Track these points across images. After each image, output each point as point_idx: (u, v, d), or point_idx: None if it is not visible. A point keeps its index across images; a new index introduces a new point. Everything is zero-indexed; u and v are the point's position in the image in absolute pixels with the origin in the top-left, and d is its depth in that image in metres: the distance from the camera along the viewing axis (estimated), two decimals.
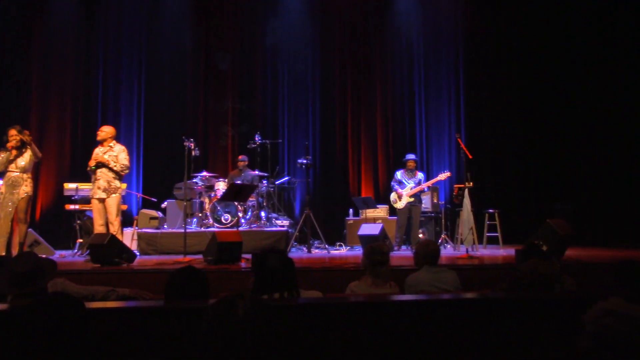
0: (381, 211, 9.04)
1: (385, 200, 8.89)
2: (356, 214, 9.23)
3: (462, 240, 7.19)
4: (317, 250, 8.02)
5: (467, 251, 6.78)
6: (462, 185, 7.30)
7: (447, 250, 7.97)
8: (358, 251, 8.07)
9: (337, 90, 10.45)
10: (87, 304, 2.67)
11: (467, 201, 6.85)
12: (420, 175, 8.29)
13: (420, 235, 8.33)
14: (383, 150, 10.31)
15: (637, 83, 9.13)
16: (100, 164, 6.58)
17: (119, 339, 2.55)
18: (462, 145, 7.28)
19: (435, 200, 8.89)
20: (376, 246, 3.74)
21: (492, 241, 8.38)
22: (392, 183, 8.36)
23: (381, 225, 7.84)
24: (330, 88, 10.49)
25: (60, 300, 1.66)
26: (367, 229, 7.73)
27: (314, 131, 10.42)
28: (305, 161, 8.11)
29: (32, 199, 6.64)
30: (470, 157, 7.15)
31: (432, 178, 8.49)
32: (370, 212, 8.93)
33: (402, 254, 7.42)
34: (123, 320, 2.64)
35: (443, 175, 8.14)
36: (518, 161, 9.75)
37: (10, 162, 6.35)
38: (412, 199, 8.11)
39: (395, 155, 9.90)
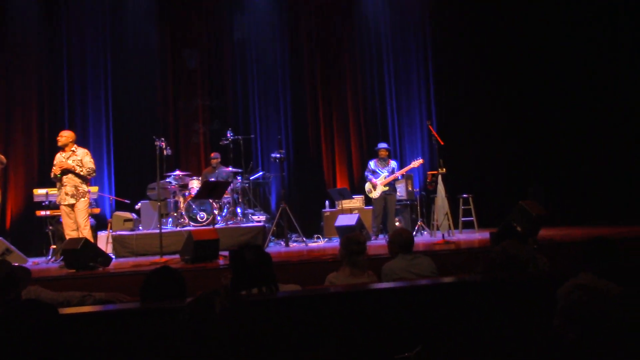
0: (357, 201, 9.08)
1: (361, 191, 8.93)
2: (332, 205, 9.25)
3: (438, 226, 7.27)
4: (294, 244, 8.02)
5: (443, 237, 6.86)
6: (436, 172, 7.38)
7: (424, 237, 8.04)
8: (335, 242, 8.09)
9: (308, 83, 10.43)
10: (63, 309, 2.64)
11: (440, 187, 6.92)
12: (393, 163, 8.35)
13: (397, 224, 8.39)
14: (356, 140, 10.34)
15: (606, 59, 9.31)
16: (67, 171, 6.46)
17: (97, 343, 2.52)
18: (434, 132, 7.35)
19: (409, 188, 8.96)
20: (353, 236, 3.75)
21: (468, 226, 8.49)
22: (366, 173, 8.40)
23: (357, 215, 7.87)
24: (300, 81, 10.46)
25: (32, 307, 1.63)
26: (343, 220, 7.76)
27: (286, 125, 10.39)
28: (278, 155, 8.09)
29: (3, 206, 6.49)
30: (442, 143, 7.22)
31: (406, 166, 8.55)
32: (346, 203, 8.96)
33: (379, 243, 7.47)
34: (100, 324, 2.61)
35: (416, 163, 8.20)
36: (491, 146, 9.87)
37: None
38: (387, 188, 8.16)
39: (369, 146, 9.94)
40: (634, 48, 9.32)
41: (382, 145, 8.45)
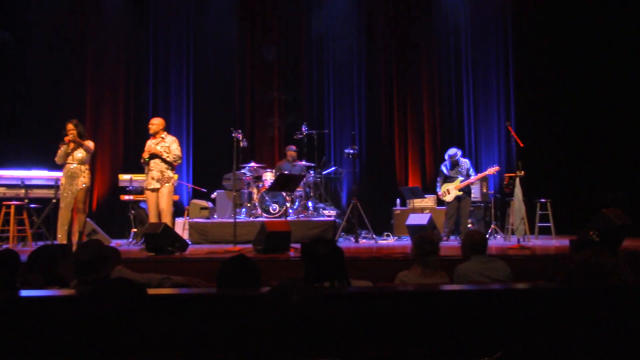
0: (429, 201, 8.96)
1: (433, 190, 8.79)
2: (403, 203, 9.17)
3: (514, 230, 7.04)
4: (364, 240, 8.03)
5: (518, 241, 6.64)
6: (513, 175, 7.14)
7: (498, 241, 7.83)
8: (406, 241, 8.03)
9: (383, 79, 10.38)
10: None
11: (518, 190, 6.69)
12: (467, 163, 8.14)
13: (469, 226, 8.20)
14: (430, 139, 10.19)
15: None
16: (154, 156, 6.78)
17: (174, 325, 2.64)
18: (513, 133, 7.10)
19: (484, 190, 8.73)
20: (426, 236, 3.72)
21: (544, 231, 8.17)
22: (438, 180, 8.23)
23: (429, 215, 7.76)
24: (376, 77, 10.42)
25: (124, 285, 1.74)
26: (415, 219, 7.68)
27: (360, 121, 10.39)
28: (352, 151, 8.12)
29: (90, 190, 6.89)
30: (522, 145, 6.97)
31: (481, 169, 8.32)
32: (417, 202, 8.86)
33: (451, 244, 7.34)
34: (178, 307, 2.73)
35: (492, 170, 7.97)
36: (571, 149, 9.44)
37: (68, 154, 6.62)
38: (461, 193, 7.98)
39: (443, 144, 9.76)
40: None
41: (451, 151, 8.20)
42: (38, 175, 7.84)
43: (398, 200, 9.29)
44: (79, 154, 6.62)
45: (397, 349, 2.57)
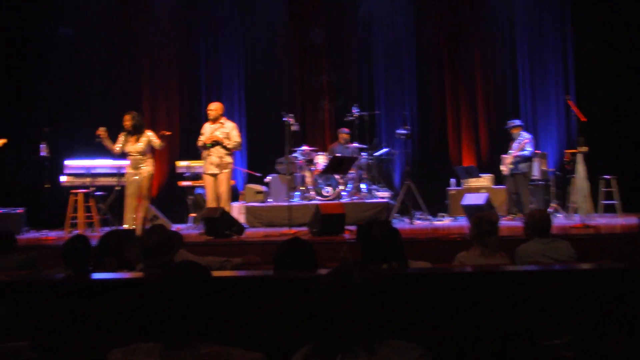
0: (485, 180, 8.75)
1: (489, 170, 8.59)
2: (458, 183, 9.00)
3: (576, 209, 6.80)
4: (419, 221, 7.95)
5: (581, 220, 6.41)
6: (575, 151, 6.87)
7: (559, 220, 7.58)
8: (461, 222, 7.90)
9: (434, 57, 10.14)
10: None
11: (580, 167, 6.44)
12: (523, 136, 7.92)
13: (531, 205, 7.97)
14: (484, 116, 9.92)
15: None
16: (216, 143, 6.89)
17: (235, 306, 2.70)
18: (574, 107, 6.83)
19: (543, 167, 8.45)
20: (485, 215, 3.65)
21: (609, 209, 7.85)
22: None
23: (487, 194, 7.59)
24: (426, 56, 10.20)
25: (189, 268, 1.79)
26: (471, 199, 7.53)
27: (411, 100, 10.23)
28: (404, 131, 8.03)
29: (153, 177, 7.11)
30: (584, 119, 6.69)
31: (539, 145, 8.06)
32: (473, 182, 8.68)
33: (511, 224, 7.17)
34: (239, 288, 2.79)
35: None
36: (636, 124, 8.98)
37: (124, 145, 6.83)
38: (512, 166, 7.77)
39: (498, 122, 9.48)
40: None
41: (512, 123, 7.99)
42: (102, 164, 8.15)
43: (452, 180, 9.12)
44: (140, 144, 6.82)
45: (458, 330, 2.55)
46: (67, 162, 8.24)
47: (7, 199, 8.22)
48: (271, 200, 8.73)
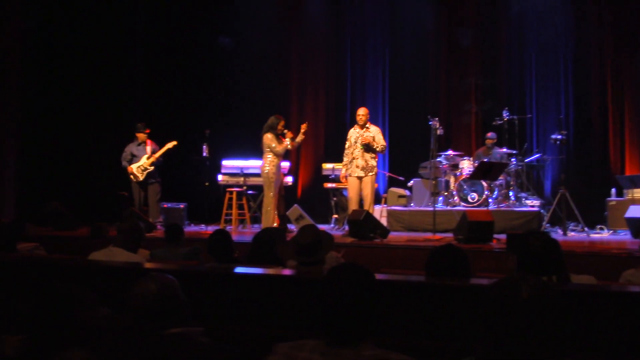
0: None
1: None
2: (620, 194, 8.22)
3: None
4: (573, 233, 7.42)
5: None
6: None
7: None
8: (623, 236, 7.22)
9: (594, 56, 9.35)
10: None
11: None
12: None
13: None
14: None
15: None
16: (368, 147, 7.03)
17: (391, 309, 2.72)
18: None
19: None
20: None
21: None
22: None
23: None
24: (585, 55, 9.44)
25: (354, 270, 1.86)
26: (636, 211, 6.85)
27: (567, 103, 9.54)
28: (559, 136, 7.53)
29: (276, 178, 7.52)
30: None
31: None
32: (638, 192, 7.88)
33: None
34: (394, 292, 2.81)
35: None
36: None
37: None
38: None
39: None
40: None
41: None
42: (254, 164, 8.71)
43: (613, 189, 8.35)
44: (277, 147, 7.29)
45: (630, 357, 2.35)
46: (224, 162, 8.93)
47: (172, 195, 9.08)
48: (413, 204, 8.68)
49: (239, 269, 3.30)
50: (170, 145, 8.06)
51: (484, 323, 1.64)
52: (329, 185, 8.89)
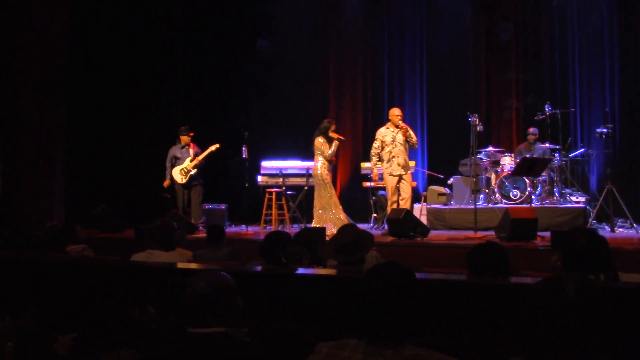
0: None
1: None
2: None
3: None
4: (621, 230, 7.19)
5: None
6: None
7: None
8: None
9: None
10: None
11: None
12: None
13: None
14: None
15: None
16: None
17: (429, 307, 2.71)
18: None
19: None
20: None
21: None
22: None
23: None
24: (632, 42, 9.12)
25: (394, 268, 1.86)
26: None
27: (612, 96, 9.24)
28: (605, 130, 7.30)
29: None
30: None
31: None
32: None
33: None
34: (434, 291, 2.79)
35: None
36: None
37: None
38: None
39: None
40: None
41: None
42: (293, 165, 8.77)
43: None
44: (328, 150, 7.38)
45: None
46: (263, 163, 9.02)
47: (214, 196, 9.23)
48: (454, 202, 8.57)
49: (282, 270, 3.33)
50: (213, 148, 8.19)
51: (530, 322, 1.62)
52: (368, 184, 8.87)
